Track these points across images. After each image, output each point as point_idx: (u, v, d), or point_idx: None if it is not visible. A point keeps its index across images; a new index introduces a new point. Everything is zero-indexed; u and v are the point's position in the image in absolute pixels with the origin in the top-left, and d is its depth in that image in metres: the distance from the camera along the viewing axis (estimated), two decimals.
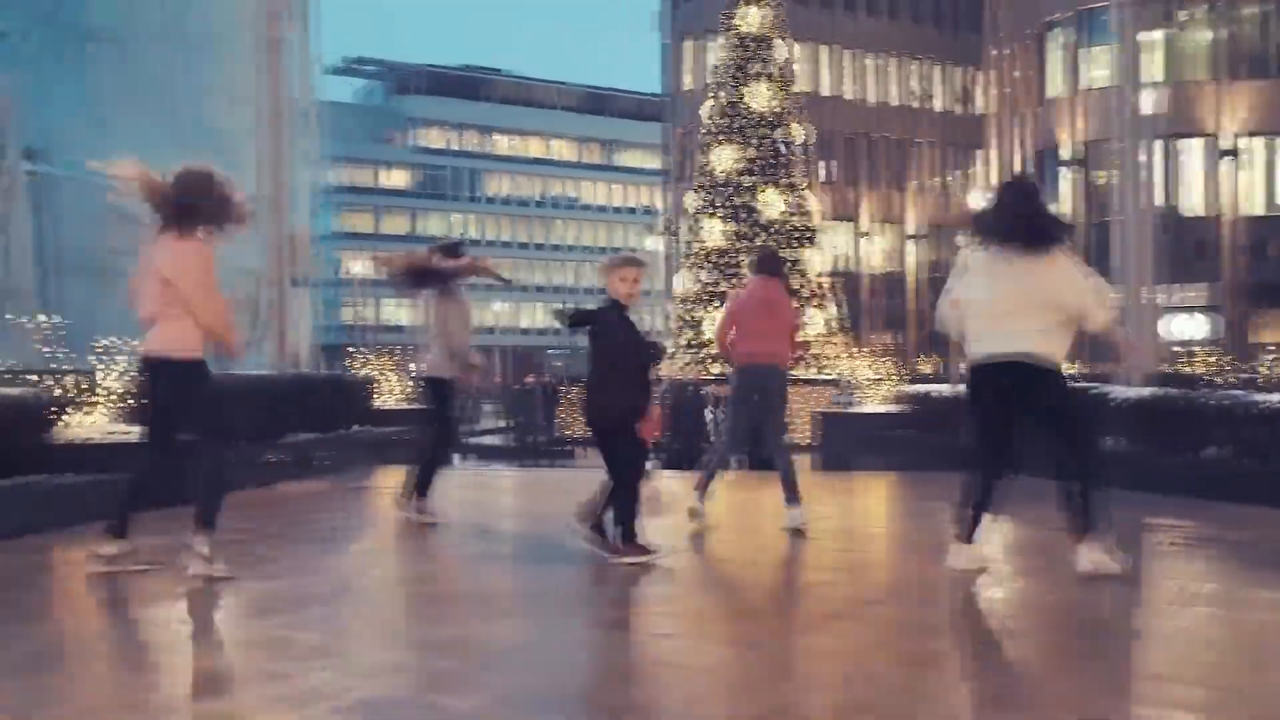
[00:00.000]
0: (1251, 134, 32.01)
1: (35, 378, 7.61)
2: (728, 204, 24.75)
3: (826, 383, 21.55)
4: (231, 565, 5.08)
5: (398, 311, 65.52)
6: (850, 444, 12.09)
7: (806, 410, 18.69)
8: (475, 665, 3.66)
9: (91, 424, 7.45)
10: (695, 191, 25.62)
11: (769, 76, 25.18)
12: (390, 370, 13.74)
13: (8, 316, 20.05)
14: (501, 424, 27.84)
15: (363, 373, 13.66)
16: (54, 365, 8.35)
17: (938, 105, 49.21)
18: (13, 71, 23.29)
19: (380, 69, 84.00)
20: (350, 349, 15.67)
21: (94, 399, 7.65)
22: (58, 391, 7.32)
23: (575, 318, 5.68)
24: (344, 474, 9.68)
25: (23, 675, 3.47)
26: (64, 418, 7.22)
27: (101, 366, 7.94)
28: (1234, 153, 32.06)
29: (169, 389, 4.87)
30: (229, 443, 5.26)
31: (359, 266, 59.75)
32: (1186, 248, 31.00)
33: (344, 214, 76.58)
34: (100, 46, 27.61)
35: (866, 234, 47.07)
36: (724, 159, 24.90)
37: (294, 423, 9.77)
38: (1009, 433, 4.98)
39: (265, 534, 6.27)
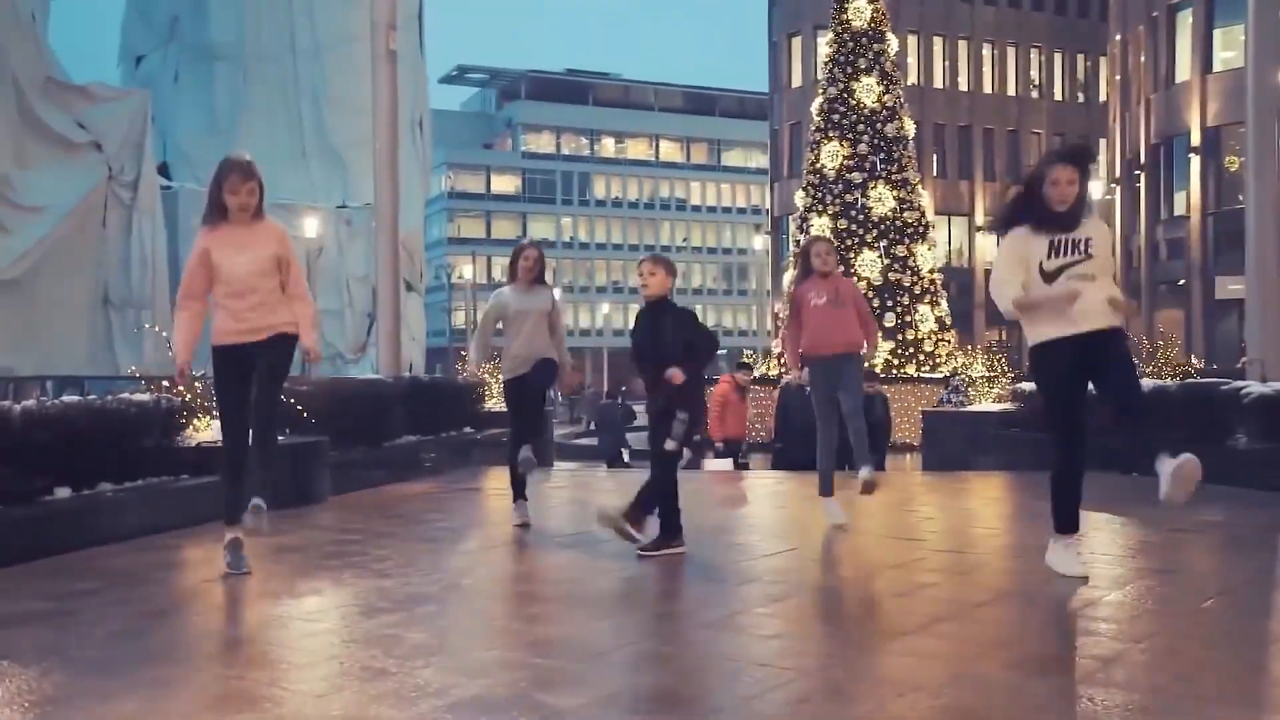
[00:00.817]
0: None
1: (166, 384, 7.94)
2: (837, 201, 24.43)
3: (936, 381, 21.10)
4: (346, 565, 5.23)
5: None
6: (958, 443, 11.78)
7: (916, 409, 18.33)
8: (580, 664, 3.68)
9: (215, 428, 7.74)
10: (803, 189, 25.36)
11: (879, 70, 24.78)
12: (498, 373, 13.94)
13: (145, 325, 21.00)
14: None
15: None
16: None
17: (1055, 94, 47.71)
18: (146, 91, 24.39)
19: (486, 76, 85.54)
20: (461, 352, 15.98)
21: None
22: (187, 397, 7.63)
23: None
24: (451, 476, 9.87)
25: (147, 668, 3.63)
26: (192, 423, 7.51)
27: None
28: None
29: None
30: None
31: (469, 271, 60.85)
32: None
33: (455, 220, 78.20)
34: (222, 64, 28.81)
35: (981, 228, 45.90)
36: (833, 155, 24.59)
37: (403, 426, 10.00)
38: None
39: (375, 533, 6.43)
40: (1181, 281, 33.15)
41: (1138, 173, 36.04)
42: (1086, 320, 4.66)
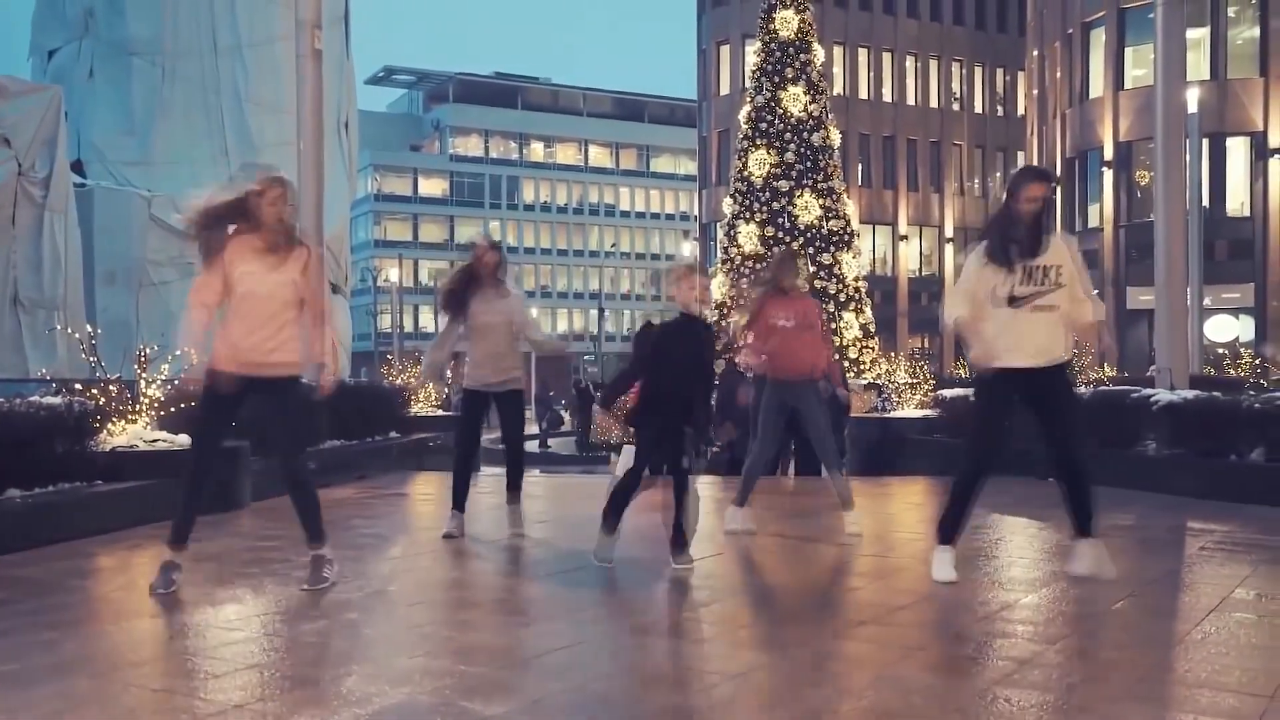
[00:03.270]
0: None
1: (80, 387, 7.72)
2: (764, 208, 24.68)
3: (863, 387, 21.41)
4: (267, 573, 5.14)
5: (430, 319, 65.98)
6: (881, 449, 11.97)
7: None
8: (506, 671, 3.67)
9: (131, 433, 7.55)
10: (731, 197, 25.57)
11: (805, 80, 25.10)
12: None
13: (55, 327, 20.36)
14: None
15: (398, 379, 13.76)
16: (98, 374, 8.47)
17: (976, 107, 48.81)
18: (58, 86, 23.69)
19: (414, 78, 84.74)
20: (387, 356, 15.80)
21: (135, 408, 7.75)
22: (101, 400, 7.42)
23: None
24: (377, 481, 9.75)
25: (55, 680, 3.52)
26: (106, 427, 7.32)
27: (143, 376, 8.04)
28: None
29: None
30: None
31: (395, 274, 60.14)
32: (1228, 248, 30.51)
33: (382, 222, 77.29)
34: (139, 60, 28.08)
35: (904, 237, 46.76)
36: (760, 163, 24.84)
37: (327, 430, 9.86)
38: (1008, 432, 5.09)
39: (298, 540, 6.31)
40: (1096, 292, 34.06)
41: (1054, 185, 36.98)
42: (1040, 355, 4.87)
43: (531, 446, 29.49)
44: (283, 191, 4.89)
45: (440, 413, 13.99)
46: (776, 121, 24.95)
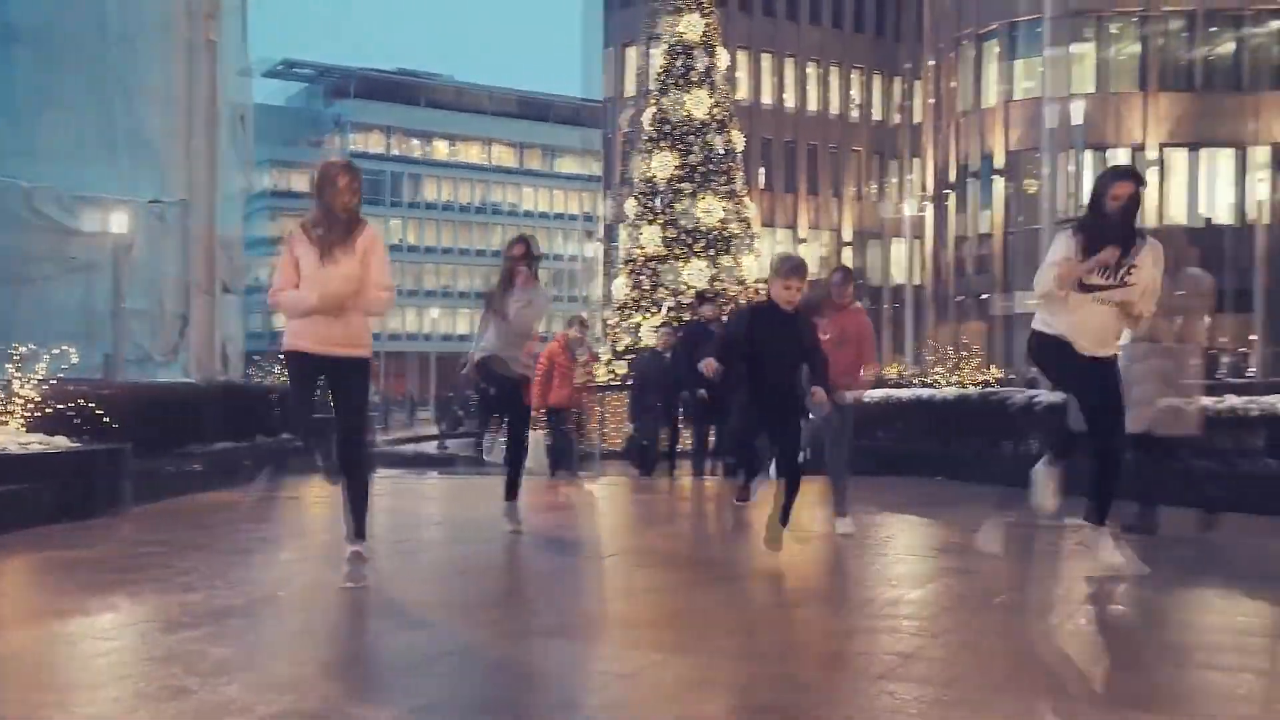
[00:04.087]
0: (1175, 145, 32.91)
1: None
2: (667, 210, 24.83)
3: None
4: (147, 579, 4.97)
5: None
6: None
7: None
8: (397, 675, 3.61)
9: (4, 434, 7.22)
10: (634, 198, 25.66)
11: (709, 84, 25.32)
12: None
13: None
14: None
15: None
16: None
17: (874, 114, 49.87)
18: None
19: (314, 72, 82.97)
20: (280, 355, 15.45)
21: (7, 409, 7.41)
22: None
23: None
24: (271, 483, 9.52)
25: None
26: None
27: (17, 376, 7.70)
28: (1160, 162, 32.92)
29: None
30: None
31: None
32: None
33: (280, 219, 75.55)
34: (22, 47, 26.90)
35: (804, 240, 47.50)
36: (663, 165, 24.98)
37: (217, 431, 9.59)
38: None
39: (181, 545, 6.13)
40: (985, 295, 35.18)
41: (947, 192, 38.10)
42: (1095, 344, 5.02)
43: (430, 448, 29.16)
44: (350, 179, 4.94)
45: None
46: (680, 124, 25.10)
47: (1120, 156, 33.59)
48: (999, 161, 35.08)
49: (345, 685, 3.46)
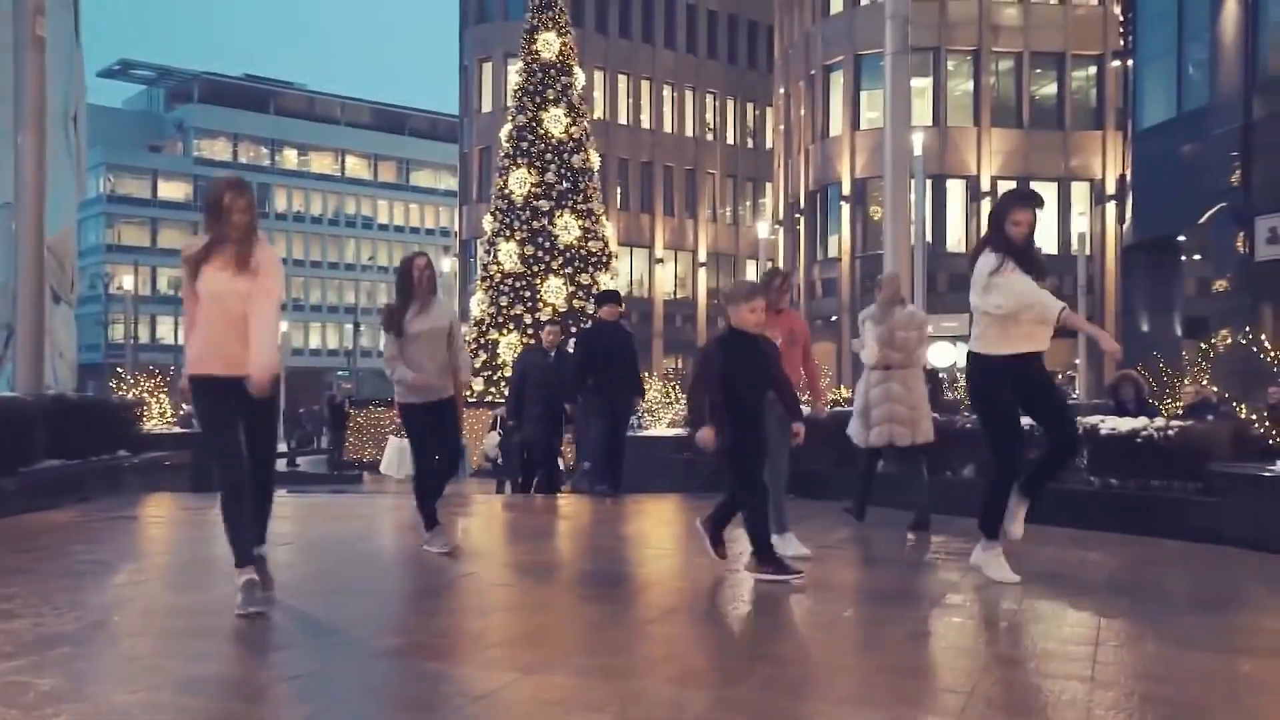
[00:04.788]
0: (1005, 177, 34.80)
1: None
2: (525, 227, 24.79)
3: None
4: None
5: (169, 330, 62.10)
6: (637, 466, 12.25)
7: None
8: (238, 703, 3.49)
9: None
10: (491, 214, 25.53)
11: (566, 102, 25.44)
12: (160, 391, 12.98)
13: None
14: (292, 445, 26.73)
15: (130, 394, 12.84)
16: None
17: (728, 138, 50.99)
18: None
19: (154, 74, 79.62)
20: (118, 369, 14.70)
21: None
22: None
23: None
24: (102, 503, 9.04)
25: None
26: None
27: None
28: (992, 194, 34.74)
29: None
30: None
31: (130, 281, 56.09)
32: (948, 280, 33.28)
33: (116, 226, 72.03)
34: None
35: (660, 260, 48.13)
36: (521, 182, 24.95)
37: (45, 449, 9.06)
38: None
39: (3, 570, 5.76)
40: (834, 317, 36.36)
41: (798, 216, 39.23)
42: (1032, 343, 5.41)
43: (280, 465, 28.19)
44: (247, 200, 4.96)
45: (178, 429, 13.16)
46: (538, 141, 25.15)
47: (956, 187, 35.31)
48: (846, 188, 36.36)
49: (181, 714, 3.32)
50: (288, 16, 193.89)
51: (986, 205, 34.66)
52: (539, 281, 24.37)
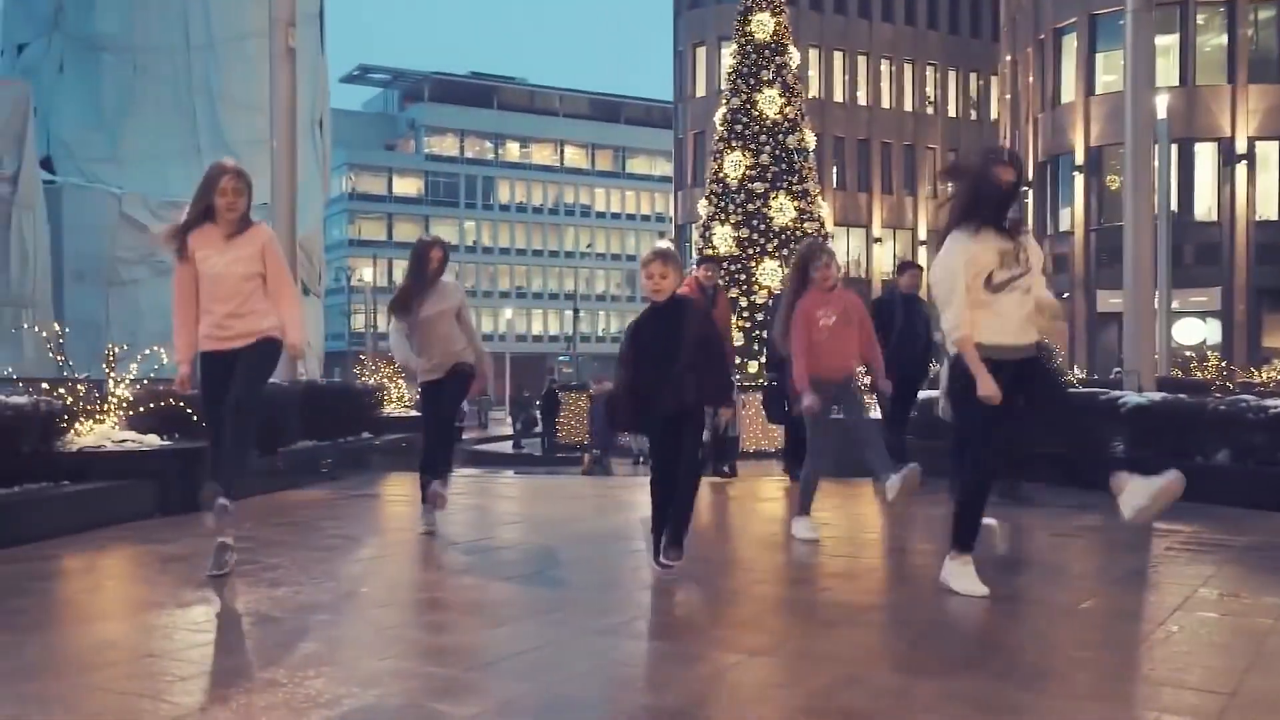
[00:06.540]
0: (1264, 138, 31.86)
1: (46, 386, 7.64)
2: (739, 210, 24.74)
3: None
4: (235, 574, 5.12)
5: None
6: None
7: None
8: (475, 673, 3.66)
9: (99, 433, 7.47)
10: (706, 199, 25.62)
11: (781, 82, 25.17)
12: (399, 377, 13.77)
13: (23, 325, 20.04)
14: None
15: (370, 380, 13.69)
16: (66, 373, 8.40)
17: (950, 111, 49.14)
18: (27, 82, 23.37)
19: (389, 77, 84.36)
20: (360, 355, 15.70)
21: (103, 408, 7.67)
22: (69, 400, 7.34)
23: None
24: (348, 482, 9.70)
25: (22, 684, 3.48)
26: (74, 427, 7.23)
27: (112, 375, 7.96)
28: (1247, 156, 31.90)
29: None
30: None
31: (369, 273, 59.73)
32: (1196, 252, 30.87)
33: (356, 221, 76.90)
34: (109, 55, 27.79)
35: (879, 239, 47.00)
36: (735, 165, 24.89)
37: (298, 431, 9.80)
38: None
39: (267, 541, 6.28)
40: (1066, 295, 34.41)
41: (1026, 189, 37.32)
42: (1024, 335, 4.71)
43: (506, 447, 29.43)
44: (236, 184, 5.13)
45: (414, 414, 13.93)
46: (752, 124, 24.99)
47: (1206, 151, 32.61)
48: (1079, 157, 34.30)
49: (426, 682, 3.51)
50: (509, 12, 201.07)
51: (1242, 170, 31.89)
52: (754, 264, 24.25)
